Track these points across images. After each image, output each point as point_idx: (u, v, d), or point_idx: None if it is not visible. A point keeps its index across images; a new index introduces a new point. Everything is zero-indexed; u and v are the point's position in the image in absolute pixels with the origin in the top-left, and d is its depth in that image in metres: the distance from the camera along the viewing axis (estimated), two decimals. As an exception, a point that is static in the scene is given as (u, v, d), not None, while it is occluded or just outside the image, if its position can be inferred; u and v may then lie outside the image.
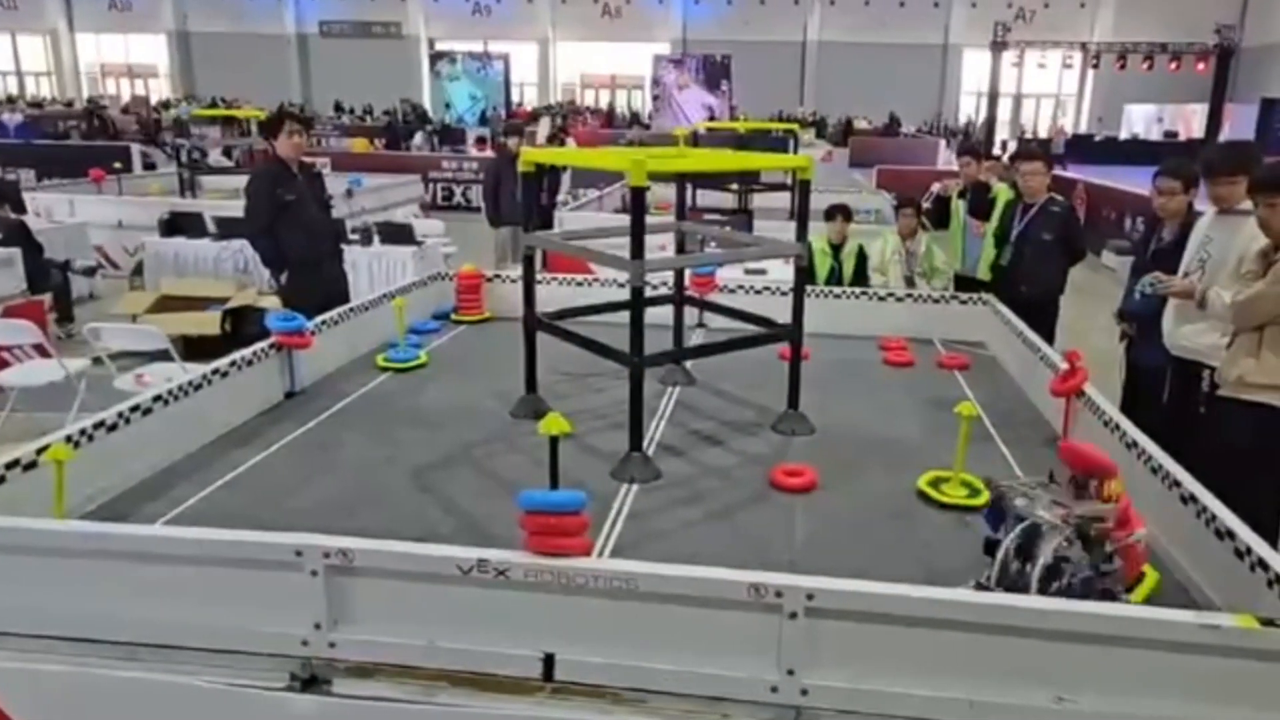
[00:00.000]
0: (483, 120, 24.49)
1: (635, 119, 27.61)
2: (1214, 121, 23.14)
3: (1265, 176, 3.06)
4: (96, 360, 4.88)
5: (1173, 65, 23.77)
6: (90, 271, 7.88)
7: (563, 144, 14.30)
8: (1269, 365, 2.98)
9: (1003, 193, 5.37)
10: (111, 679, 1.78)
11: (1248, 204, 3.16)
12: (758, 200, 8.51)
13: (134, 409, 2.50)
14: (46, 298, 6.86)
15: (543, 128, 17.91)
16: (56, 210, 9.16)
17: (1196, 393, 3.43)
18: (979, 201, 5.52)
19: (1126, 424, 2.52)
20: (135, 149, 14.64)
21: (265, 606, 1.76)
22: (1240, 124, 22.25)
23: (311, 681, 1.76)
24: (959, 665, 1.59)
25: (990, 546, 1.83)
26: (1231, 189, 3.45)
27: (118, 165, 10.88)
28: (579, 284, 4.38)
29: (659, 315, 3.31)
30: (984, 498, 2.41)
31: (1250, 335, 3.03)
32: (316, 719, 1.74)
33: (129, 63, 34.64)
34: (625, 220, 2.55)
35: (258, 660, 1.77)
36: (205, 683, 1.75)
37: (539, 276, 3.98)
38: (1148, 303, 3.78)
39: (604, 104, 32.65)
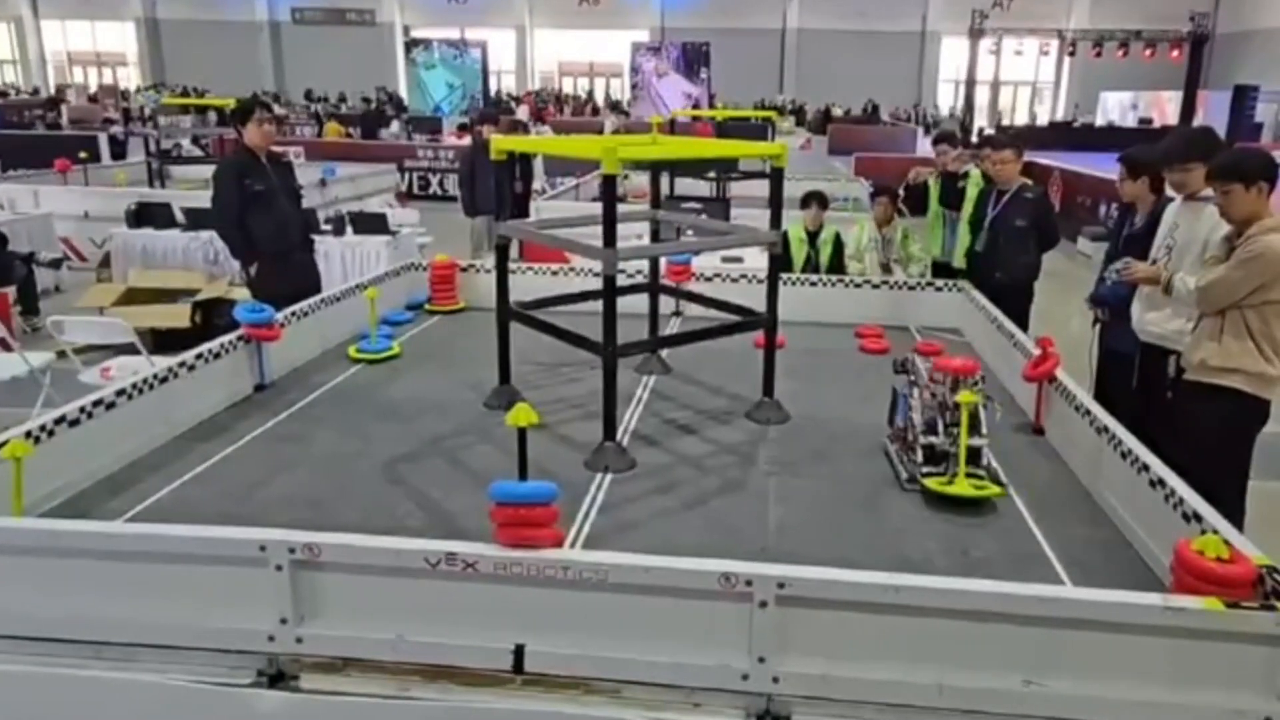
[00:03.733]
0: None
1: (615, 106, 27.44)
2: (1188, 108, 23.41)
3: (1218, 164, 3.10)
4: (61, 354, 4.78)
5: (1147, 52, 24.01)
6: (56, 264, 7.70)
7: (526, 130, 14.11)
8: (1230, 349, 3.02)
9: (974, 180, 5.40)
10: (74, 678, 1.75)
11: (1211, 191, 3.20)
12: (735, 188, 8.50)
13: (96, 403, 2.45)
14: (10, 290, 6.72)
15: (522, 113, 17.82)
16: (21, 201, 8.93)
17: (1164, 378, 3.47)
18: (949, 191, 5.55)
19: (1097, 409, 2.54)
20: (103, 138, 14.34)
21: (230, 602, 1.74)
22: (1214, 111, 22.50)
23: (279, 678, 1.74)
24: (928, 650, 1.59)
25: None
26: (1185, 176, 3.50)
27: (83, 155, 10.61)
28: (554, 273, 4.35)
29: (637, 304, 3.30)
30: (990, 490, 2.34)
31: (1212, 320, 3.07)
32: (284, 715, 1.72)
33: (97, 50, 33.95)
34: (600, 208, 2.53)
35: (224, 657, 1.75)
36: (170, 680, 1.72)
37: (514, 266, 3.95)
38: (1118, 289, 3.81)
39: (582, 91, 32.47)
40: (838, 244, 6.06)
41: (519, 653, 1.68)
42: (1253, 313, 3.00)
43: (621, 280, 2.69)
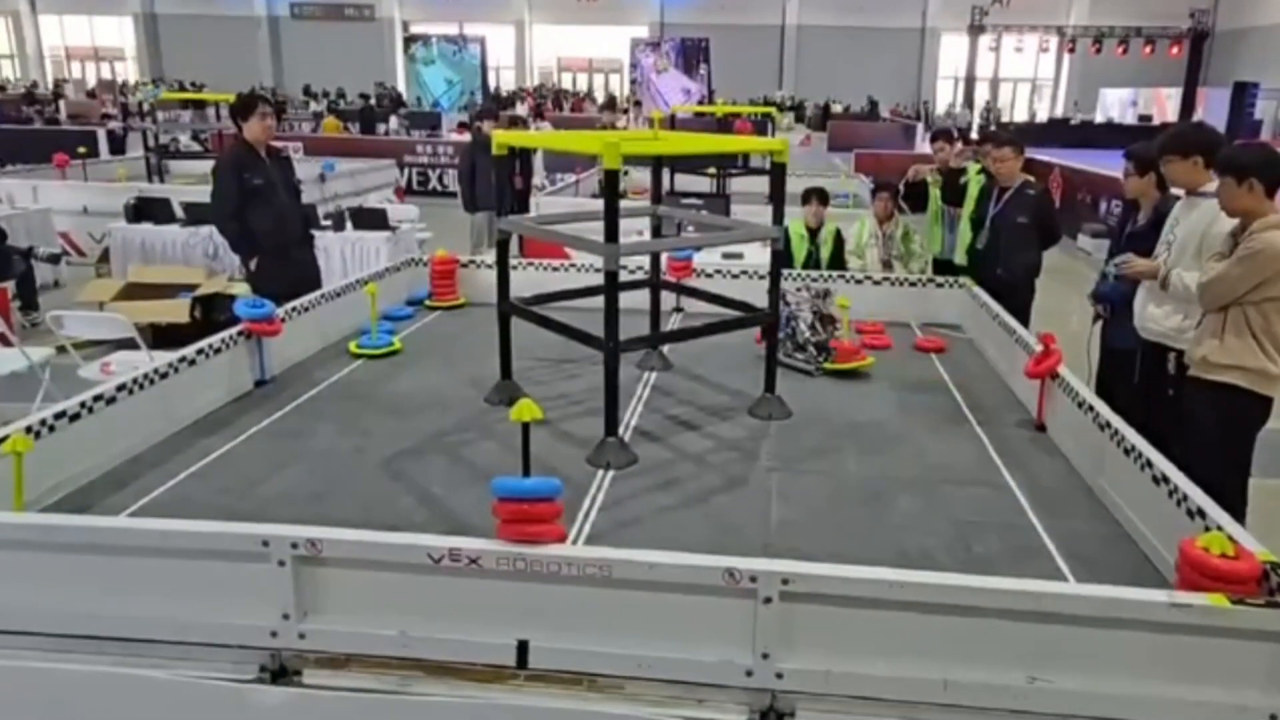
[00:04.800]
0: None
1: (611, 103, 27.39)
2: (1187, 105, 23.42)
3: (1218, 157, 3.11)
4: (61, 349, 4.78)
5: (1147, 49, 24.05)
6: (55, 259, 7.69)
7: (525, 126, 14.07)
8: (1231, 346, 3.02)
9: (975, 177, 5.40)
10: (75, 674, 1.74)
11: (1211, 186, 3.20)
12: (735, 184, 8.49)
13: (97, 398, 2.44)
14: (9, 285, 6.71)
15: (522, 110, 17.80)
16: (19, 196, 8.91)
17: (1165, 374, 3.47)
18: (950, 188, 5.55)
19: (1100, 405, 2.53)
20: (101, 133, 14.31)
21: (233, 598, 1.74)
22: (1213, 107, 22.50)
23: (281, 673, 1.74)
24: (933, 646, 1.59)
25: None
26: (1166, 169, 3.56)
27: (82, 150, 10.59)
28: (555, 269, 4.34)
29: (638, 300, 3.29)
30: (867, 361, 3.38)
31: (1215, 316, 3.07)
32: (286, 710, 1.71)
33: (94, 45, 33.86)
34: (600, 204, 2.52)
35: (226, 652, 1.74)
36: (172, 676, 1.72)
37: (515, 261, 3.94)
38: (1119, 285, 3.82)
39: (581, 87, 32.43)
40: (838, 240, 6.06)
41: (522, 648, 1.67)
42: (1254, 310, 3.00)
43: (623, 276, 2.68)
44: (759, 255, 5.20)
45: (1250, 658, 1.53)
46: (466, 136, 15.59)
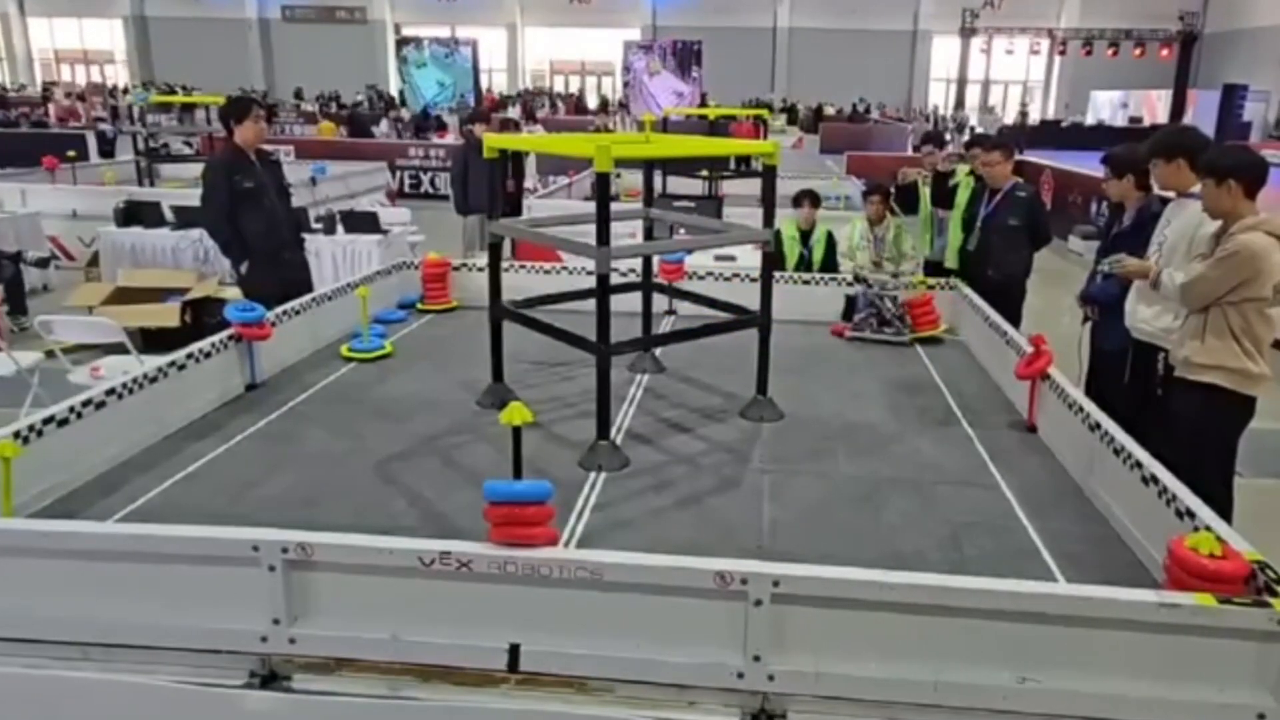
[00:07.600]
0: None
1: (605, 105, 27.44)
2: (1177, 107, 23.56)
3: (1200, 161, 3.14)
4: (49, 354, 4.75)
5: (1137, 51, 24.19)
6: (44, 263, 7.63)
7: (517, 129, 14.05)
8: (1212, 347, 3.04)
9: (965, 180, 5.41)
10: (63, 680, 1.73)
11: (1199, 188, 3.22)
12: (728, 186, 8.50)
13: (86, 403, 2.43)
14: (-2, 290, 6.67)
15: (513, 113, 17.84)
16: (8, 200, 8.85)
17: (1154, 374, 3.49)
18: (939, 191, 5.57)
19: (1090, 406, 2.54)
20: (90, 136, 14.23)
21: (222, 603, 1.73)
22: (1203, 109, 22.63)
23: (271, 678, 1.73)
24: (924, 647, 1.60)
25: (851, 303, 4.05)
26: (1155, 172, 3.61)
27: (71, 153, 10.52)
28: (547, 272, 4.34)
29: (630, 302, 3.29)
30: None
31: (1197, 317, 3.10)
32: (276, 716, 1.71)
33: (84, 48, 33.71)
34: (593, 207, 2.52)
35: (215, 658, 1.73)
36: (161, 681, 1.71)
37: (507, 264, 3.94)
38: (1108, 287, 3.84)
39: (574, 90, 32.44)
40: (830, 242, 6.07)
41: (514, 652, 1.67)
42: (1233, 310, 3.01)
43: (614, 279, 2.68)
44: (752, 257, 5.20)
45: (1238, 657, 1.54)
46: (449, 139, 15.58)
